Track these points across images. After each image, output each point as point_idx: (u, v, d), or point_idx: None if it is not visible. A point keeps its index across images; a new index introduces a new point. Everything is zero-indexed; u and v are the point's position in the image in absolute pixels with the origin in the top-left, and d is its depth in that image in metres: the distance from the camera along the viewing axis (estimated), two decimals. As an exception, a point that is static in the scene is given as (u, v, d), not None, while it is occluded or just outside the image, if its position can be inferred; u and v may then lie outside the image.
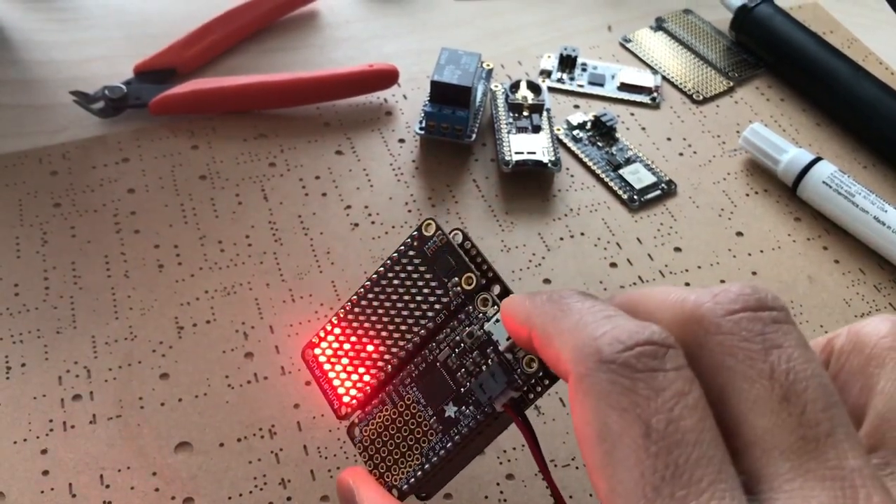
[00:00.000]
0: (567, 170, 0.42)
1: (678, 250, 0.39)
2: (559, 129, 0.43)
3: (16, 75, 0.44)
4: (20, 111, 0.42)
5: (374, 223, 0.39)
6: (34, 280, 0.35)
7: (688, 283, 0.37)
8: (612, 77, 0.46)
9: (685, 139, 0.44)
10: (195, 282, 0.35)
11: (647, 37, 0.49)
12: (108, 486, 0.29)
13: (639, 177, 0.41)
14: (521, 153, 0.40)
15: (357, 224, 0.38)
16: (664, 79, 0.47)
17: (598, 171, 0.41)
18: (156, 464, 0.30)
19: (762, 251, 0.39)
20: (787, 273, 0.38)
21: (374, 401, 0.25)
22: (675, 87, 0.47)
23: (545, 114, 0.43)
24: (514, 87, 0.44)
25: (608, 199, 0.41)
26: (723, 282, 0.37)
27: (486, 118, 0.43)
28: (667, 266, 0.38)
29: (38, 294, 0.35)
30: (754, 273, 0.38)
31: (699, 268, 0.38)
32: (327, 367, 0.26)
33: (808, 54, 0.46)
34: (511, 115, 0.42)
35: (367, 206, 0.39)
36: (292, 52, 0.47)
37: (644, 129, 0.44)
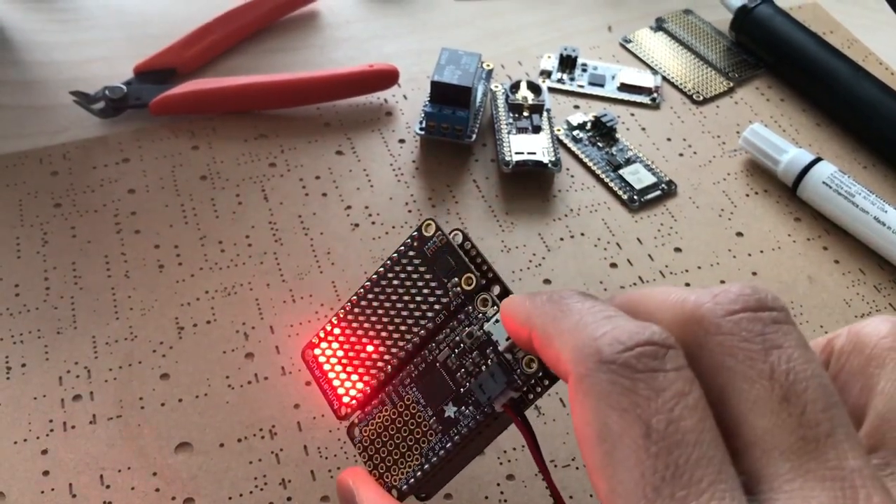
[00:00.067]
0: (567, 170, 0.42)
1: (678, 251, 0.39)
2: (559, 130, 0.43)
3: (16, 76, 0.44)
4: (21, 112, 0.42)
5: (374, 223, 0.39)
6: (35, 280, 0.35)
7: (688, 284, 0.37)
8: (613, 77, 0.46)
9: (685, 139, 0.44)
10: (195, 282, 0.36)
11: (647, 37, 0.49)
12: (108, 487, 0.29)
13: (639, 177, 0.41)
14: (522, 153, 0.40)
15: (357, 224, 0.38)
16: (664, 79, 0.47)
17: (599, 172, 0.41)
18: (156, 464, 0.30)
19: (762, 251, 0.39)
20: (788, 273, 0.38)
21: (374, 401, 0.25)
22: (676, 87, 0.47)
23: (545, 114, 0.43)
24: (515, 87, 0.44)
25: (608, 199, 0.41)
26: (723, 282, 0.37)
27: (486, 118, 0.43)
28: (667, 266, 0.38)
29: (39, 294, 0.35)
30: (754, 273, 0.38)
31: (699, 268, 0.38)
32: (327, 367, 0.26)
33: (808, 55, 0.46)
34: (511, 115, 0.42)
35: (367, 207, 0.39)
36: (292, 53, 0.47)
37: (644, 129, 0.44)
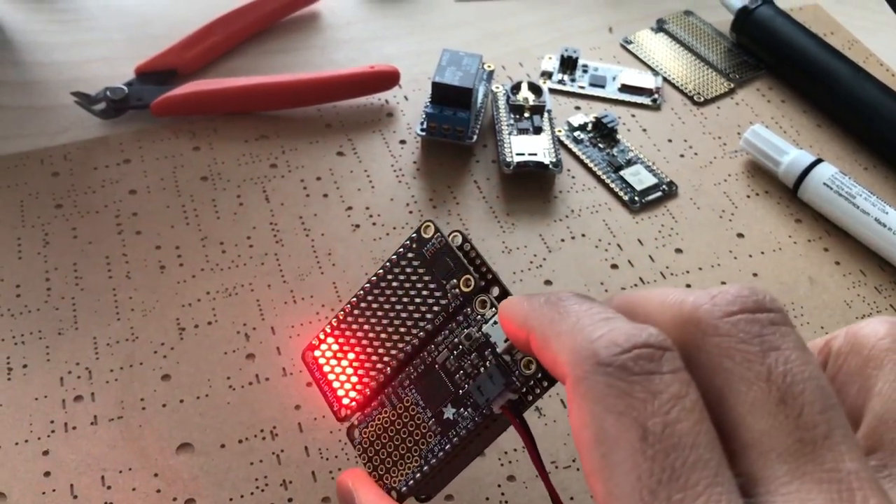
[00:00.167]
0: (568, 171, 0.42)
1: (679, 252, 0.39)
2: (560, 131, 0.43)
3: (17, 77, 0.44)
4: (22, 112, 0.42)
5: (375, 224, 0.39)
6: (36, 281, 0.35)
7: (689, 285, 0.37)
8: (613, 78, 0.46)
9: (686, 140, 0.44)
10: (197, 283, 0.36)
11: (647, 38, 0.49)
12: (109, 488, 0.29)
13: (640, 178, 0.41)
14: (522, 154, 0.40)
15: (358, 225, 0.38)
16: (665, 80, 0.47)
17: (599, 173, 0.41)
18: (157, 465, 0.30)
19: (763, 253, 0.39)
20: (788, 274, 0.38)
21: (374, 403, 0.25)
22: (676, 88, 0.47)
23: (546, 115, 0.43)
24: (516, 88, 0.44)
25: (609, 200, 0.41)
26: (724, 283, 0.37)
27: (487, 119, 0.43)
28: (668, 267, 0.38)
29: (40, 295, 0.35)
30: (755, 274, 0.38)
31: (700, 269, 0.38)
32: (327, 369, 0.26)
33: (808, 56, 0.46)
34: (512, 116, 0.42)
35: (368, 208, 0.39)
36: (293, 54, 0.47)
37: (645, 130, 0.44)
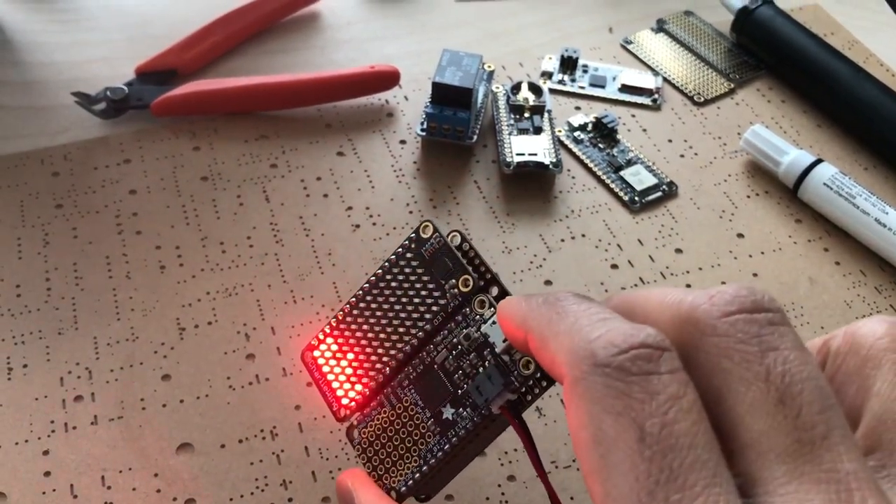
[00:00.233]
0: (568, 171, 0.42)
1: (679, 252, 0.39)
2: (560, 131, 0.43)
3: (17, 77, 0.44)
4: (22, 112, 0.42)
5: (375, 224, 0.39)
6: (36, 281, 0.35)
7: (689, 285, 0.37)
8: (614, 79, 0.46)
9: (686, 141, 0.44)
10: (197, 283, 0.36)
11: (648, 38, 0.49)
12: (109, 488, 0.29)
13: (640, 178, 0.41)
14: (523, 154, 0.40)
15: (358, 225, 0.38)
16: (665, 80, 0.47)
17: (599, 173, 0.41)
18: (157, 465, 0.30)
19: (763, 253, 0.39)
20: (788, 275, 0.38)
21: (373, 403, 0.25)
22: (676, 88, 0.47)
23: (546, 115, 0.43)
24: (516, 88, 0.44)
25: (609, 200, 0.41)
26: (724, 283, 0.37)
27: (487, 119, 0.43)
28: (668, 268, 0.38)
29: (40, 295, 0.35)
30: (755, 275, 0.38)
31: (700, 269, 0.38)
32: (326, 369, 0.26)
33: (808, 56, 0.46)
34: (512, 116, 0.43)
35: (368, 208, 0.39)
36: (293, 54, 0.47)
37: (645, 130, 0.44)
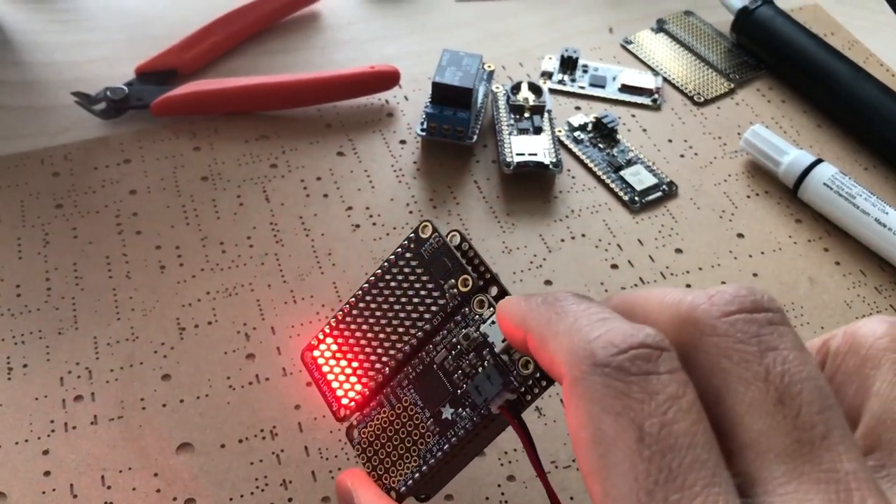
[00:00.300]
0: (568, 171, 0.42)
1: (679, 252, 0.39)
2: (560, 131, 0.43)
3: (18, 77, 0.44)
4: (22, 112, 0.42)
5: (375, 224, 0.39)
6: (36, 281, 0.35)
7: (689, 285, 0.37)
8: (614, 79, 0.46)
9: (686, 141, 0.44)
10: (197, 283, 0.36)
11: (648, 38, 0.49)
12: (109, 487, 0.29)
13: (640, 178, 0.41)
14: (523, 154, 0.40)
15: (358, 225, 0.38)
16: (665, 80, 0.47)
17: (599, 173, 0.41)
18: (157, 465, 0.30)
19: (763, 253, 0.39)
20: (788, 275, 0.38)
21: (373, 403, 0.25)
22: (676, 88, 0.47)
23: (546, 115, 0.43)
24: (516, 88, 0.44)
25: (609, 200, 0.41)
26: (723, 283, 0.37)
27: (487, 119, 0.43)
28: (668, 268, 0.38)
29: (40, 295, 0.35)
30: (755, 275, 0.38)
31: (700, 269, 0.38)
32: (326, 369, 0.26)
33: (808, 56, 0.46)
34: (512, 116, 0.43)
35: (368, 208, 0.39)
36: (293, 54, 0.47)
37: (645, 130, 0.44)
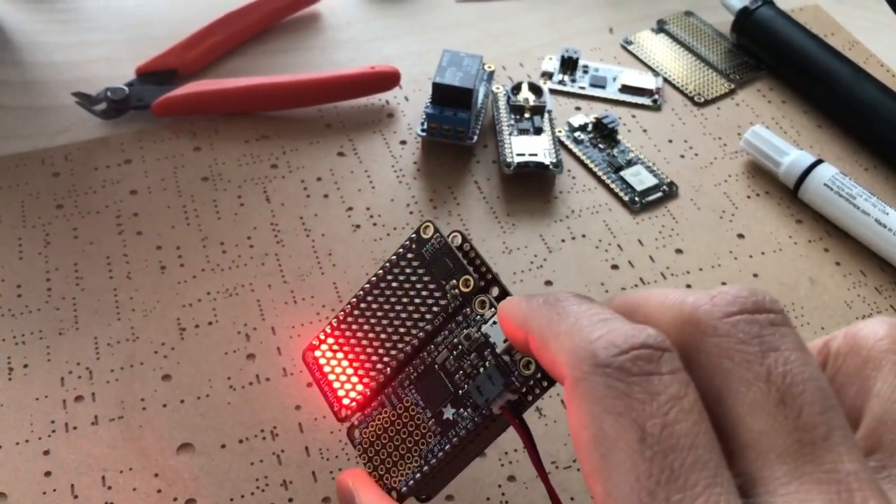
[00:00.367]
0: (568, 172, 0.42)
1: (679, 252, 0.39)
2: (560, 131, 0.43)
3: (18, 77, 0.44)
4: (22, 112, 0.42)
5: (375, 225, 0.39)
6: (36, 281, 0.35)
7: (689, 285, 0.37)
8: (614, 79, 0.46)
9: (686, 141, 0.44)
10: (197, 283, 0.36)
11: (648, 39, 0.49)
12: (109, 488, 0.29)
13: (640, 179, 0.41)
14: (523, 155, 0.40)
15: (359, 226, 0.38)
16: (665, 81, 0.47)
17: (600, 173, 0.41)
18: (158, 465, 0.30)
19: (763, 253, 0.39)
20: (789, 275, 0.38)
21: (374, 403, 0.25)
22: (677, 89, 0.47)
23: (546, 115, 0.43)
24: (516, 88, 0.44)
25: (609, 200, 0.41)
26: (724, 284, 0.37)
27: (487, 120, 0.43)
28: (668, 268, 0.38)
29: (41, 295, 0.35)
30: (755, 275, 0.38)
31: (700, 270, 0.38)
32: (327, 369, 0.26)
33: (809, 56, 0.46)
34: (512, 116, 0.43)
35: (368, 208, 0.39)
36: (294, 54, 0.47)
37: (645, 131, 0.44)
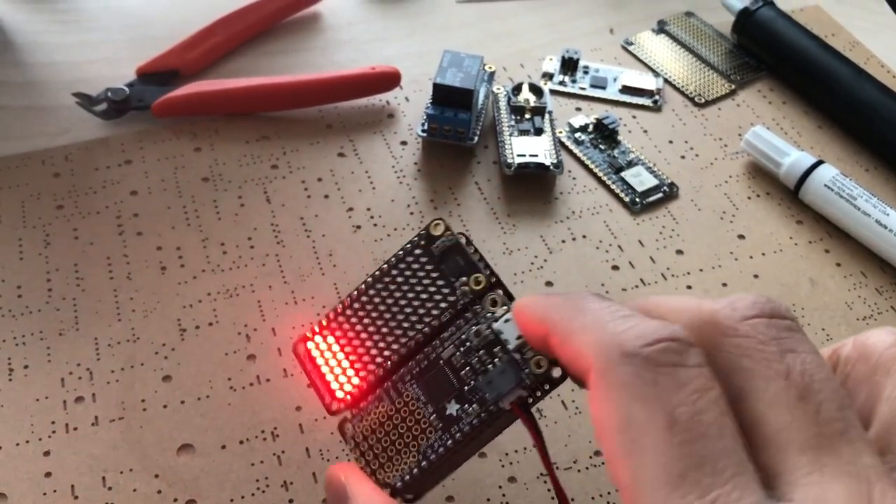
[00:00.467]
0: (569, 172, 0.42)
1: (680, 253, 0.39)
2: (561, 132, 0.43)
3: (18, 77, 0.44)
4: (23, 113, 0.42)
5: (376, 225, 0.39)
6: (37, 282, 0.35)
7: (690, 286, 0.37)
8: (614, 80, 0.46)
9: (687, 142, 0.44)
10: (198, 284, 0.36)
11: (648, 39, 0.49)
12: (110, 489, 0.29)
13: (640, 179, 0.41)
14: (523, 155, 0.40)
15: (359, 226, 0.38)
16: (666, 81, 0.47)
17: (600, 174, 0.41)
18: (158, 466, 0.30)
19: (764, 254, 0.39)
20: (789, 276, 0.38)
21: (370, 397, 0.25)
22: (677, 89, 0.47)
23: (547, 116, 0.43)
24: (516, 89, 0.44)
25: (610, 201, 0.41)
26: (724, 285, 0.37)
27: (488, 121, 0.43)
28: (669, 269, 0.38)
29: (41, 296, 0.35)
30: (756, 276, 0.38)
31: (701, 271, 0.38)
32: (320, 361, 0.26)
33: (809, 57, 0.46)
34: (513, 117, 0.43)
35: (369, 209, 0.39)
36: (294, 55, 0.47)
37: (646, 131, 0.44)
